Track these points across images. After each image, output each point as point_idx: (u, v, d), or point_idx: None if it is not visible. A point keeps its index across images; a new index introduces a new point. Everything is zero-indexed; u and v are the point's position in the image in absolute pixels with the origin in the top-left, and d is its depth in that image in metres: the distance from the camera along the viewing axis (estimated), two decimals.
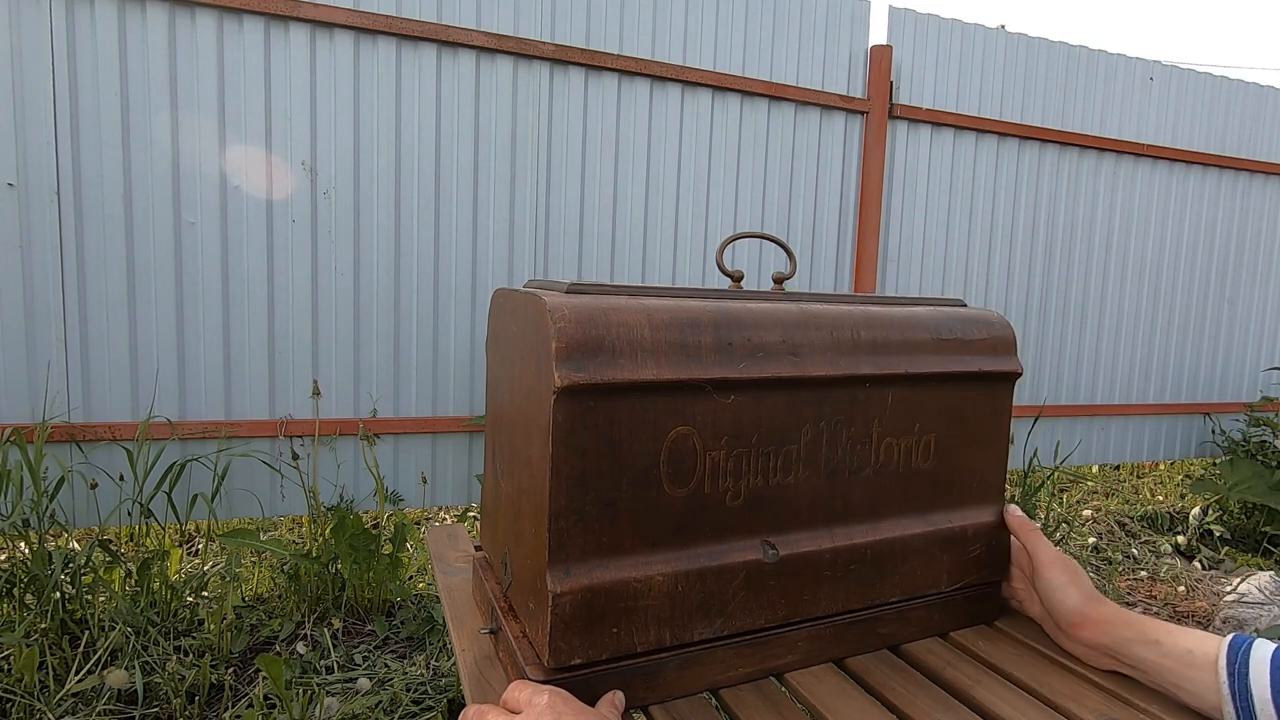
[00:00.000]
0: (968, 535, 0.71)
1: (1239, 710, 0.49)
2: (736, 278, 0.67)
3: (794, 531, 0.63)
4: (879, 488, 0.67)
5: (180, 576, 1.89)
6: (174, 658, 1.57)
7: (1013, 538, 0.74)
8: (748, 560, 0.60)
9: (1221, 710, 0.51)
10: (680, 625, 0.59)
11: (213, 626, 1.70)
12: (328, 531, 1.85)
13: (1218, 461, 3.24)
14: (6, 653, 1.53)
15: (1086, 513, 3.00)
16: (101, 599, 1.68)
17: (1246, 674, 0.49)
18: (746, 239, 0.68)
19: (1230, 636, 0.53)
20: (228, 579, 1.77)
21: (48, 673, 1.45)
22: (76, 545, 2.01)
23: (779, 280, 0.68)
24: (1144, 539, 2.80)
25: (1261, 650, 0.49)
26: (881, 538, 0.67)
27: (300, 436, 2.06)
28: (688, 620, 0.59)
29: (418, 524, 2.59)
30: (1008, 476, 3.14)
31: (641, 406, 0.55)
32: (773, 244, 2.58)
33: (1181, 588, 2.33)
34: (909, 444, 0.68)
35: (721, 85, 2.39)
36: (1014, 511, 0.73)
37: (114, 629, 1.59)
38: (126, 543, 2.10)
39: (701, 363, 0.57)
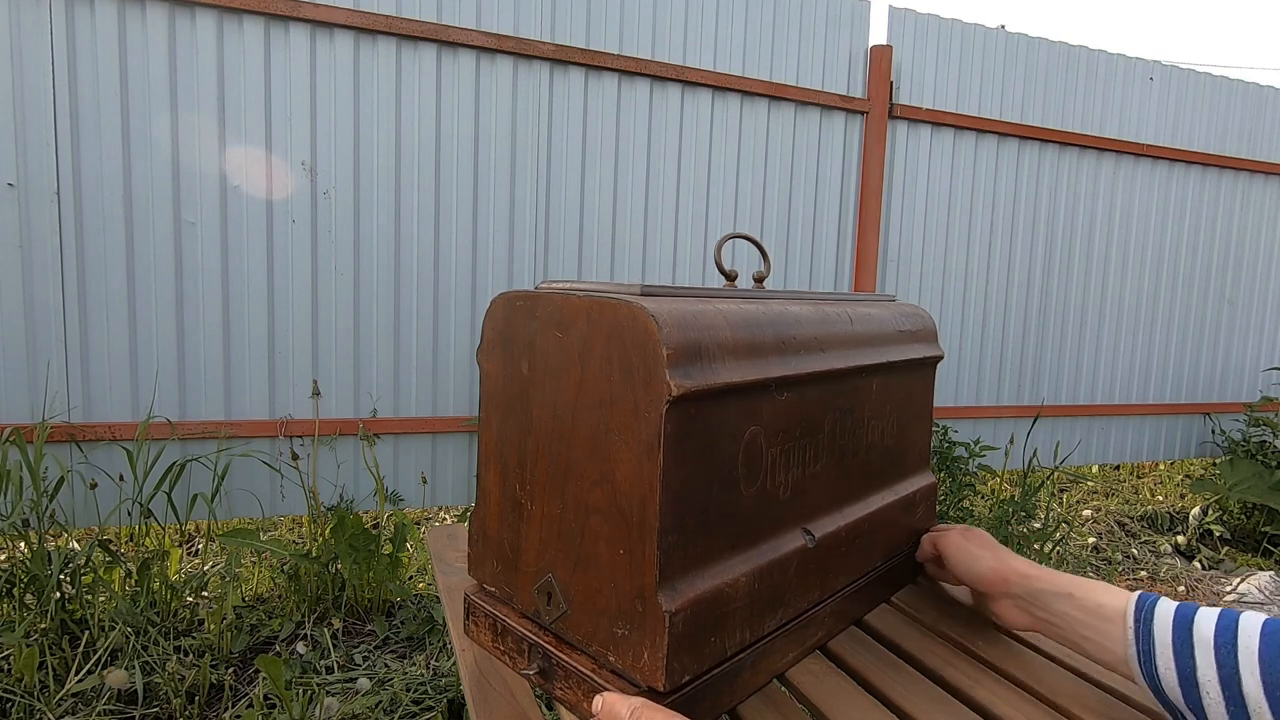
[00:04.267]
0: (915, 499, 0.82)
1: (1142, 659, 0.53)
2: (731, 276, 0.68)
3: (821, 516, 0.68)
4: (867, 466, 0.74)
5: (180, 576, 1.89)
6: (174, 658, 1.57)
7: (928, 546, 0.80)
8: (796, 548, 0.64)
9: (1126, 661, 0.55)
10: (756, 622, 0.60)
11: (213, 626, 1.70)
12: (328, 531, 1.85)
13: (1218, 461, 3.24)
14: (6, 653, 1.53)
15: (1086, 513, 3.00)
16: (101, 599, 1.68)
17: (1151, 628, 0.53)
18: (731, 240, 0.70)
19: (1138, 593, 0.57)
20: (228, 579, 1.77)
21: (48, 673, 1.45)
22: (76, 545, 2.01)
23: (759, 279, 0.71)
24: (1144, 539, 2.80)
25: (1165, 607, 0.54)
26: (870, 511, 0.74)
27: (300, 436, 2.06)
28: (761, 616, 0.61)
29: (418, 524, 2.59)
30: (1007, 476, 3.15)
31: (726, 409, 0.55)
32: (767, 244, 2.58)
33: (1181, 588, 2.33)
34: (883, 425, 0.75)
35: (721, 85, 2.39)
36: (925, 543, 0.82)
37: (114, 629, 1.59)
38: (126, 543, 2.10)
39: (768, 363, 0.58)
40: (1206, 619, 0.52)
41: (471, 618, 0.68)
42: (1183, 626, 0.52)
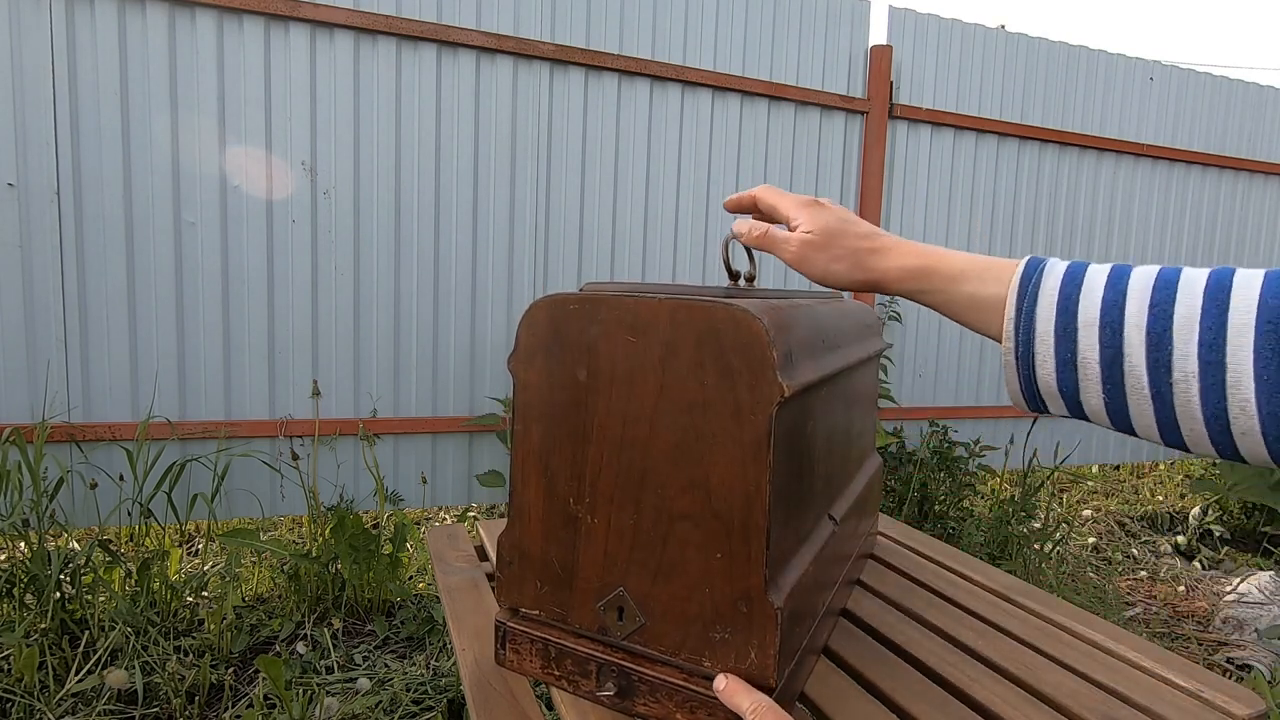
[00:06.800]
0: (875, 478, 0.89)
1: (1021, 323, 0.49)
2: (736, 276, 0.69)
3: (835, 501, 0.72)
4: (850, 452, 0.79)
5: (180, 576, 1.89)
6: (174, 658, 1.57)
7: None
8: (829, 533, 0.66)
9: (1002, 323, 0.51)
10: (815, 609, 0.63)
11: (213, 626, 1.70)
12: (328, 531, 1.85)
13: (1218, 461, 3.24)
14: (6, 653, 1.53)
15: (1086, 513, 3.00)
16: (101, 599, 1.68)
17: (1037, 289, 0.48)
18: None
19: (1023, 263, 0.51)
20: (228, 579, 1.77)
21: (48, 673, 1.45)
22: (76, 545, 2.01)
23: (750, 279, 0.73)
24: (1144, 539, 2.80)
25: (1053, 268, 0.49)
26: (856, 494, 0.79)
27: (300, 436, 2.06)
28: (815, 602, 0.63)
29: (418, 524, 2.59)
30: (1007, 476, 3.15)
31: (801, 407, 0.57)
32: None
33: (1181, 588, 2.33)
34: (856, 413, 0.80)
35: (721, 85, 2.39)
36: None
37: (114, 629, 1.59)
38: (126, 543, 2.10)
39: (822, 361, 0.60)
40: (1097, 271, 0.47)
41: (511, 645, 0.63)
42: (1072, 282, 0.47)
